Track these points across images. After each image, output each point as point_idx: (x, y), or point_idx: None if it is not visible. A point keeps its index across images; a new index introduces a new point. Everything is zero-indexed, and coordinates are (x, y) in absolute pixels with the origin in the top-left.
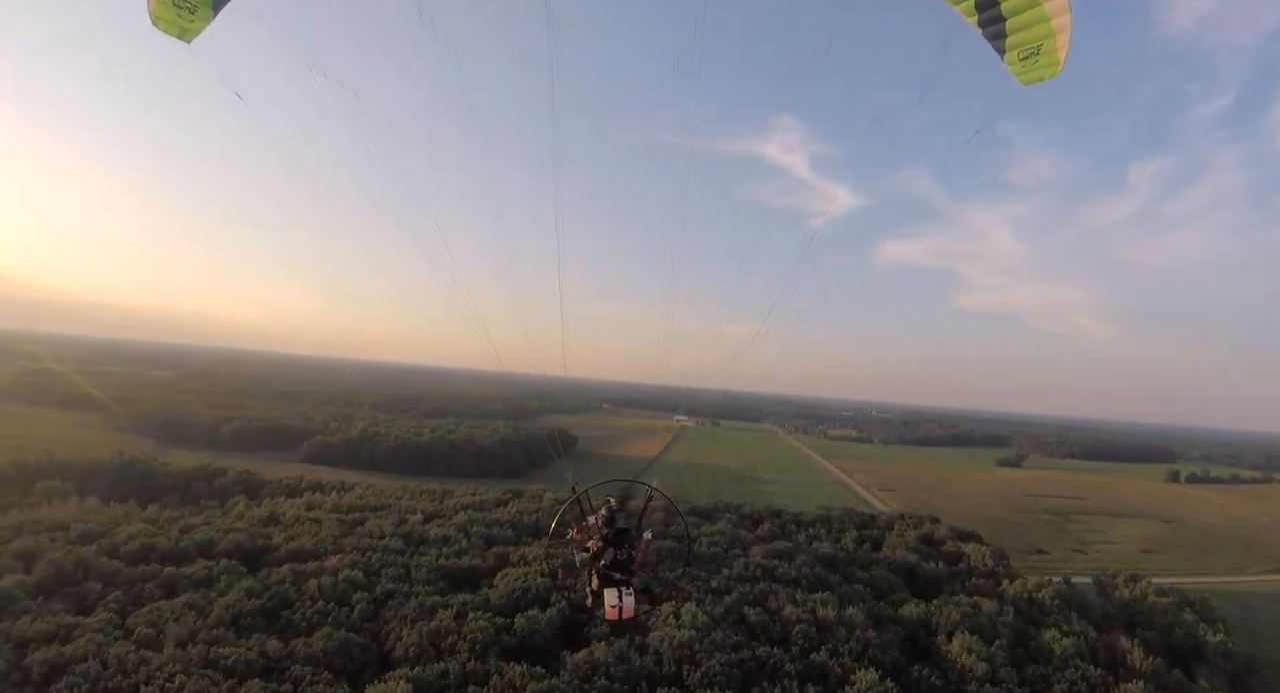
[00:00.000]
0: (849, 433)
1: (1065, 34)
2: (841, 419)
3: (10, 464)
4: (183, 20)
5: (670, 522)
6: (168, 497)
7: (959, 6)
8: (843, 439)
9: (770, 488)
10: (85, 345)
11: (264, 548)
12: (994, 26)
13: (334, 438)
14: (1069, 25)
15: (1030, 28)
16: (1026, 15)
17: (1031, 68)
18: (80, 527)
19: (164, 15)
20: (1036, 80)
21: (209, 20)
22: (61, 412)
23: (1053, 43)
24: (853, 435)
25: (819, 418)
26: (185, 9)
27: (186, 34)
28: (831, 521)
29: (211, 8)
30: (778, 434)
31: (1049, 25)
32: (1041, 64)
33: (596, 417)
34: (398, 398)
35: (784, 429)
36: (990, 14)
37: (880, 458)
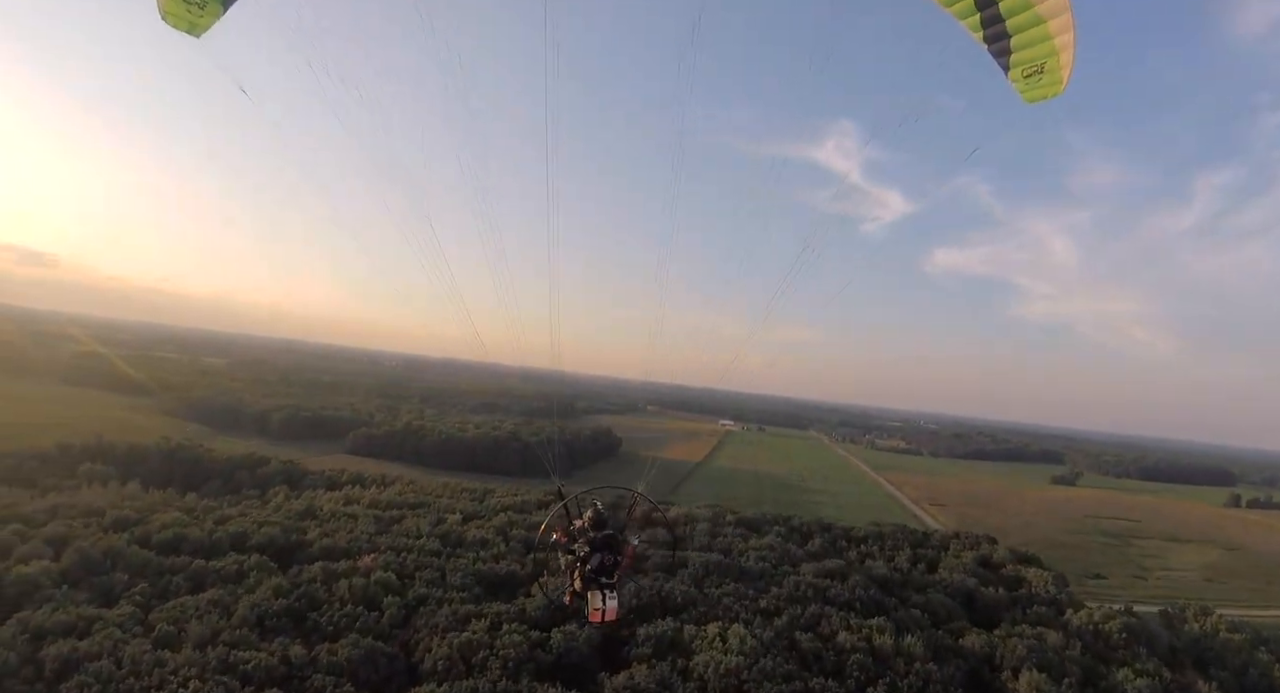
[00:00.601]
0: (897, 444)
1: (1068, 53)
2: (889, 429)
3: (56, 446)
4: (192, 15)
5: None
6: (210, 484)
7: (965, 22)
8: (890, 450)
9: (816, 498)
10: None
11: (298, 543)
12: (998, 43)
13: (379, 431)
14: (1071, 44)
15: (1033, 46)
16: (1030, 33)
17: (1035, 86)
18: (115, 513)
19: (173, 10)
20: (1039, 98)
21: (219, 15)
22: (115, 395)
23: (1055, 61)
24: (901, 447)
25: (866, 427)
26: (195, 4)
27: (196, 29)
28: (884, 537)
29: (221, 3)
30: (824, 442)
31: (1052, 44)
32: (1044, 82)
33: (641, 418)
34: (445, 391)
35: (830, 437)
36: (994, 30)
37: (930, 471)
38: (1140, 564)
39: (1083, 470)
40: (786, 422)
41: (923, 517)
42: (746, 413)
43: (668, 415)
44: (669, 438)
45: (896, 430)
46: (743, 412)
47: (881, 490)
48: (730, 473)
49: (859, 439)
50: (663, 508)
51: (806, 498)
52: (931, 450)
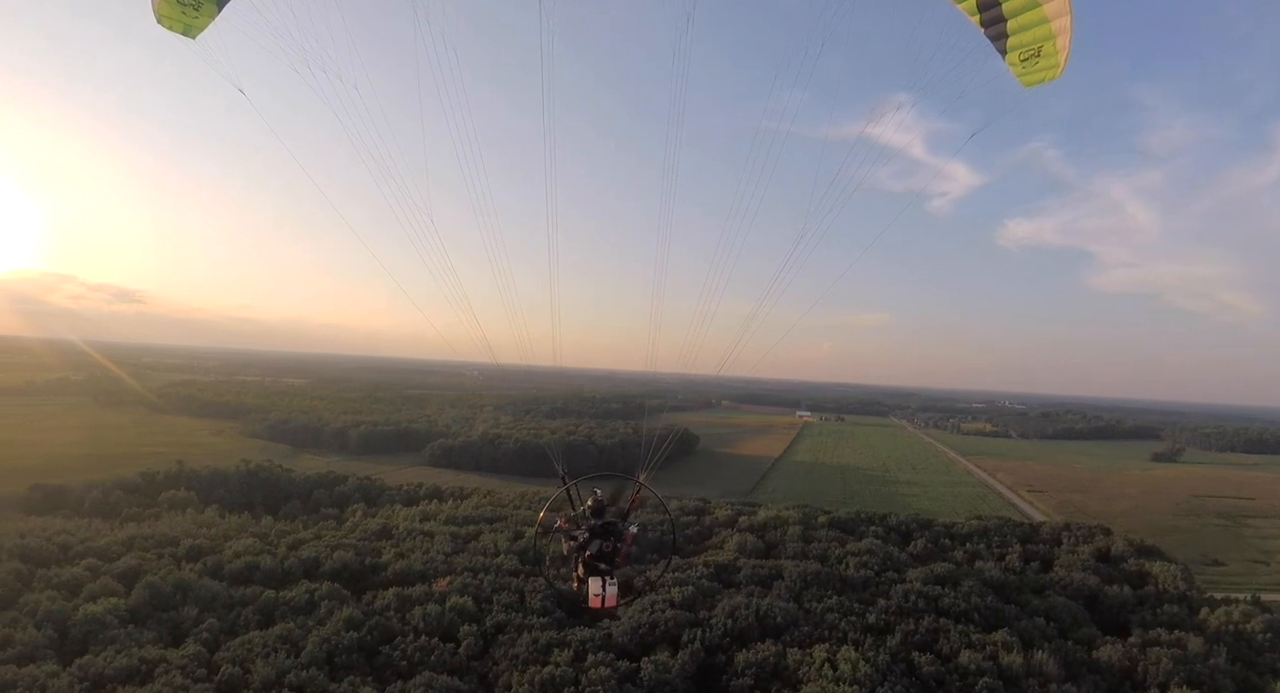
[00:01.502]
0: (983, 427)
1: (1065, 37)
2: (972, 413)
3: (140, 474)
4: (187, 17)
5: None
6: (289, 504)
7: (961, 5)
8: (976, 434)
9: (906, 490)
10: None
11: (371, 567)
12: (995, 27)
13: (455, 441)
14: (1069, 28)
15: (1030, 29)
16: (1026, 17)
17: (1032, 69)
18: (189, 542)
19: (168, 13)
20: (1037, 82)
21: (213, 16)
22: (202, 420)
23: (1052, 45)
24: (988, 430)
25: (948, 411)
26: (190, 6)
27: (191, 30)
28: (990, 533)
29: (216, 3)
30: (906, 429)
31: (1049, 27)
32: (1042, 66)
33: (716, 414)
34: (519, 399)
35: (912, 424)
36: (991, 14)
37: (1020, 455)
38: (1260, 548)
39: (1183, 446)
40: (864, 409)
41: (1021, 505)
42: (822, 403)
43: (742, 410)
44: (745, 433)
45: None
46: (818, 402)
47: (973, 479)
48: (811, 467)
49: (943, 424)
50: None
51: (895, 491)
52: (1020, 432)
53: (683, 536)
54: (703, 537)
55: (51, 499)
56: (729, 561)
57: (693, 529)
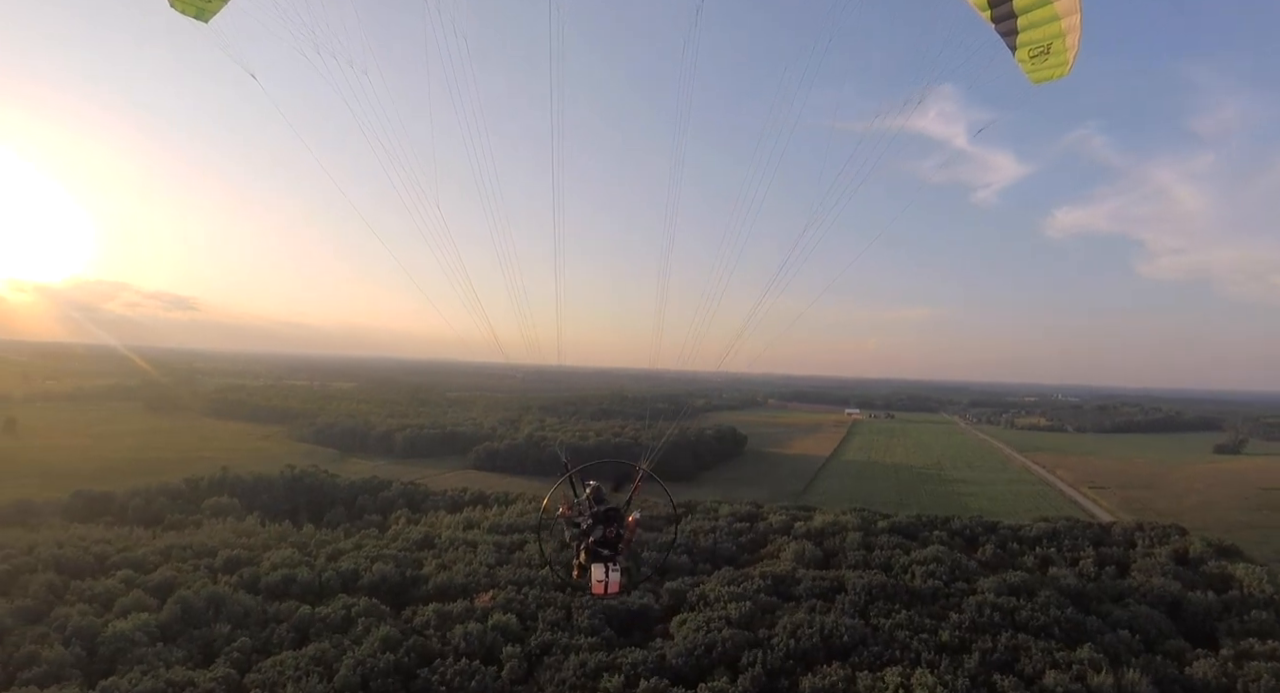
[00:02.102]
0: (1038, 422)
1: (1074, 35)
2: (1025, 406)
3: (184, 480)
4: (200, 0)
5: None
6: (334, 511)
7: (971, 1)
8: (1031, 429)
9: (963, 490)
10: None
11: (412, 580)
12: (1005, 23)
13: (500, 444)
14: (1078, 26)
15: (1040, 26)
16: (1036, 14)
17: (1041, 66)
18: (227, 553)
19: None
20: (1045, 79)
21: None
22: (251, 425)
23: (1062, 43)
24: (1042, 424)
25: (1000, 406)
26: None
27: (204, 14)
28: (1060, 536)
29: None
30: (958, 425)
31: (1059, 25)
32: (1050, 64)
33: (763, 413)
34: (565, 400)
35: (964, 419)
36: (1002, 10)
37: (1078, 449)
38: None
39: (1245, 437)
40: (914, 406)
41: (1084, 504)
42: (871, 400)
43: (789, 408)
44: (794, 432)
45: (1034, 407)
46: (866, 399)
47: (1032, 476)
48: (863, 467)
49: (996, 419)
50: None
51: (952, 490)
52: (1076, 426)
53: (736, 543)
54: (757, 544)
55: (95, 506)
56: (787, 571)
57: (746, 537)
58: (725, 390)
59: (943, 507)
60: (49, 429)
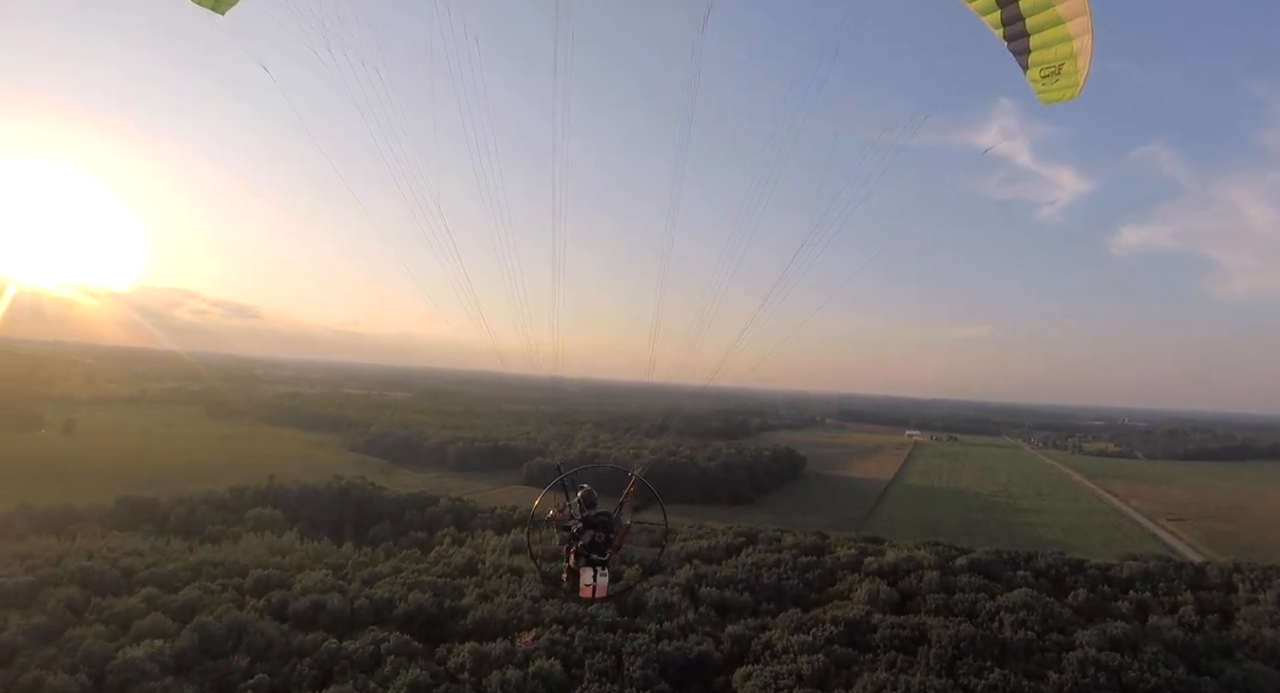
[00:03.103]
0: (1106, 447)
1: (1086, 56)
2: (1091, 430)
3: (229, 490)
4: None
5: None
6: (379, 526)
7: (986, 18)
8: (1099, 455)
9: (1034, 519)
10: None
11: (449, 612)
12: (1018, 42)
13: (552, 459)
14: (1089, 48)
15: (1052, 47)
16: (1049, 34)
17: (1051, 87)
18: (258, 573)
19: None
20: (1055, 100)
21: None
22: (305, 432)
23: (1073, 64)
24: (1111, 450)
25: (1065, 429)
26: None
27: (220, 5)
28: (1153, 578)
29: None
30: (1023, 449)
31: (1071, 46)
32: (1061, 85)
33: (820, 432)
34: (619, 415)
35: (1029, 444)
36: (1014, 29)
37: (1151, 477)
38: None
39: None
40: (976, 428)
41: (1163, 537)
42: (931, 421)
43: (847, 428)
44: (853, 453)
45: (1100, 431)
46: (926, 419)
47: (1105, 506)
48: (927, 492)
49: (1062, 444)
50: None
51: (1021, 520)
52: (1147, 452)
53: (802, 580)
54: (825, 582)
55: (139, 513)
56: (860, 616)
57: (813, 573)
58: (781, 408)
59: (1013, 538)
60: (107, 431)
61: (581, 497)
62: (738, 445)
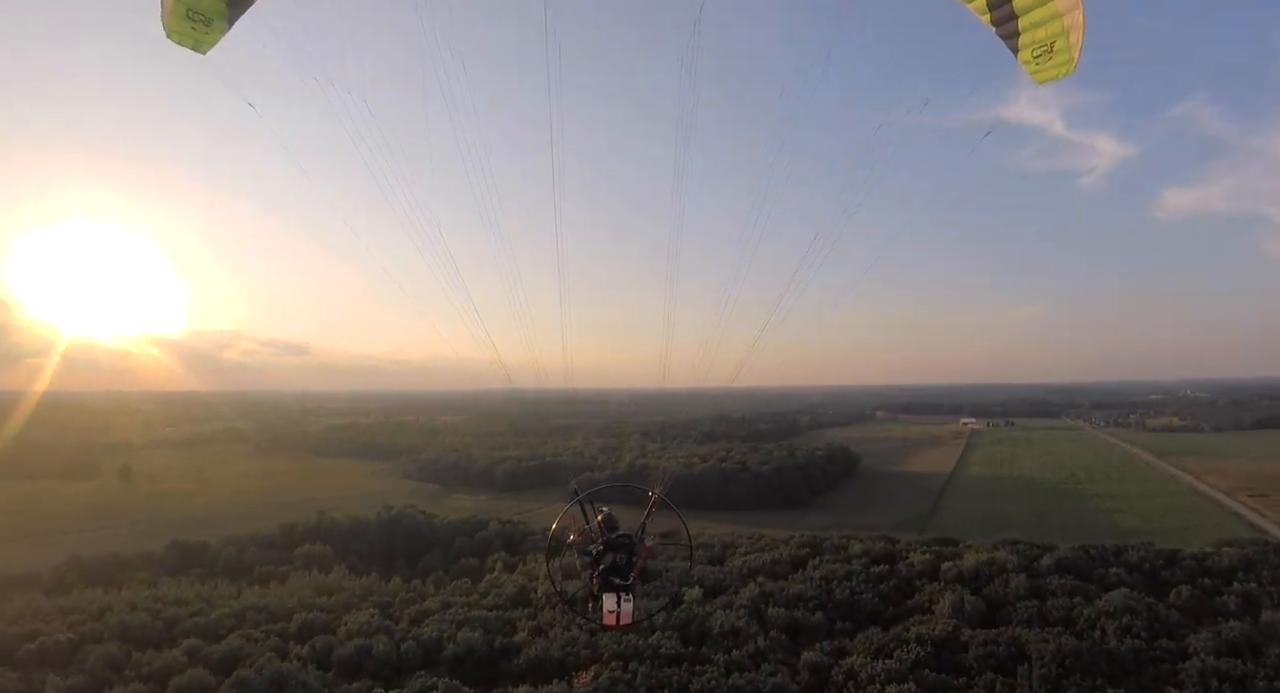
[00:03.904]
0: (1170, 422)
1: (1077, 32)
2: (1153, 405)
3: (279, 527)
4: (197, 33)
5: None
6: (430, 555)
7: (971, 4)
8: (1165, 430)
9: (1107, 505)
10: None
11: (502, 651)
12: (1006, 25)
13: (602, 474)
14: (1081, 24)
15: (1042, 26)
16: (1037, 13)
17: (1045, 66)
18: (302, 617)
19: (178, 28)
20: (1050, 79)
21: (224, 32)
22: (359, 462)
23: (1065, 41)
24: (1176, 424)
25: (1126, 406)
26: (200, 22)
27: (201, 45)
28: (1255, 565)
29: (226, 19)
30: (1085, 430)
31: (1061, 23)
32: (1055, 62)
33: (872, 427)
34: (667, 423)
35: (1090, 424)
36: (1002, 12)
37: (1222, 452)
38: None
39: None
40: (1033, 411)
41: (1247, 515)
42: (986, 407)
43: (899, 420)
44: (909, 446)
45: (1162, 406)
46: (981, 406)
47: (1180, 485)
48: (991, 482)
49: (1124, 421)
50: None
51: (1093, 506)
52: (1213, 425)
53: (877, 593)
54: (902, 594)
55: (189, 557)
56: (947, 633)
57: (888, 584)
58: (829, 406)
59: (1089, 527)
60: (163, 475)
61: (602, 520)
62: (789, 446)
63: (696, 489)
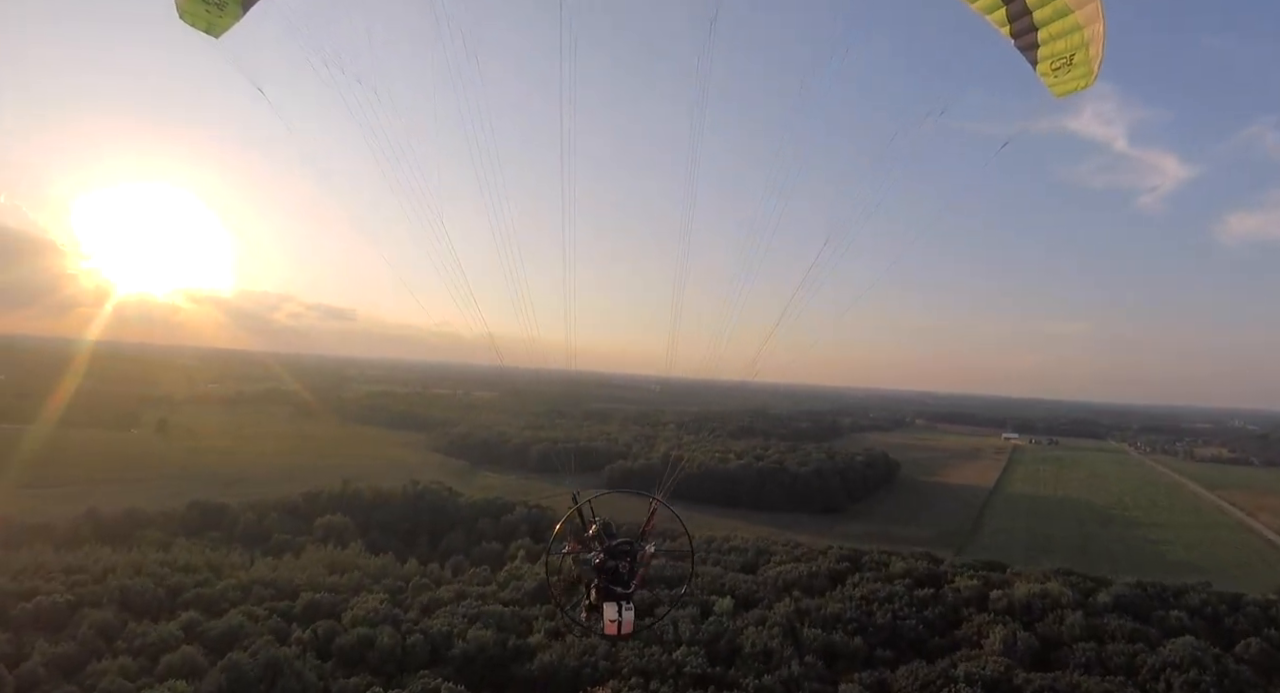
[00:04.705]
0: (1219, 452)
1: (1097, 45)
2: (1200, 433)
3: (302, 495)
4: (210, 15)
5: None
6: (452, 535)
7: (990, 16)
8: (1213, 461)
9: (1154, 535)
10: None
11: (514, 654)
12: (1026, 37)
13: (635, 463)
14: (1101, 36)
15: (1062, 38)
16: (1057, 26)
17: (1064, 79)
18: (309, 597)
19: (191, 9)
20: (1069, 91)
21: (238, 17)
22: (392, 432)
23: (1085, 54)
24: (1225, 456)
25: (1172, 432)
26: (214, 4)
27: (214, 29)
28: None
29: (241, 4)
30: (1130, 455)
31: (1081, 35)
32: (1074, 75)
33: (911, 434)
34: (702, 416)
35: (1135, 448)
36: (1022, 24)
37: (1274, 488)
38: None
39: None
40: (1077, 431)
41: None
42: (1029, 422)
43: (939, 429)
44: (949, 458)
45: (1210, 435)
46: (1024, 421)
47: (1229, 519)
48: (1033, 502)
49: (1171, 449)
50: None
51: (1141, 536)
52: (1265, 459)
53: (920, 619)
54: (947, 622)
55: (208, 518)
56: (999, 673)
57: (933, 611)
58: (870, 409)
59: (1135, 557)
60: (200, 431)
61: (600, 527)
62: (829, 449)
63: (731, 486)
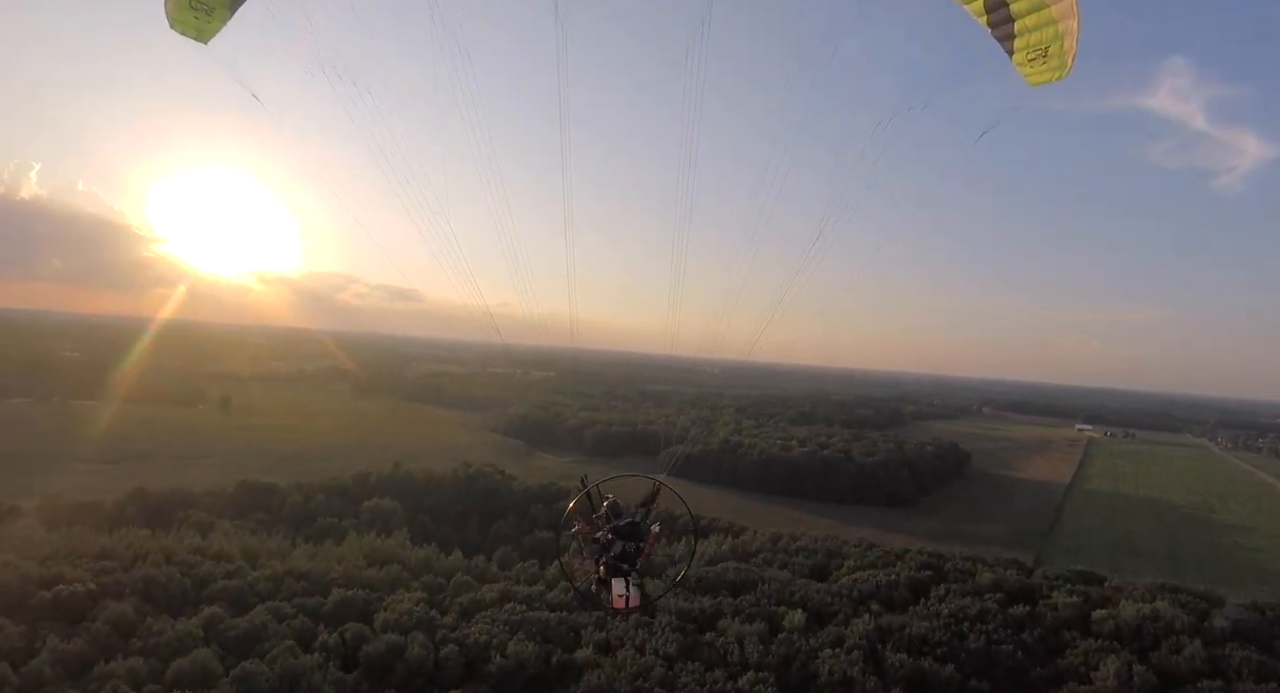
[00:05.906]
0: None
1: (1072, 38)
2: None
3: (352, 478)
4: (199, 22)
5: None
6: (504, 521)
7: (969, 6)
8: None
9: (1245, 541)
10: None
11: (558, 671)
12: (1003, 27)
13: (694, 448)
14: (1076, 29)
15: (1038, 30)
16: (1034, 18)
17: (1039, 69)
18: (341, 595)
19: (181, 18)
20: (1044, 82)
21: (225, 21)
22: (449, 411)
23: (1059, 46)
24: None
25: (1253, 427)
26: (202, 11)
27: (203, 35)
28: None
29: (228, 8)
30: (1210, 450)
31: (1056, 28)
32: (1049, 66)
33: (979, 423)
34: (761, 400)
35: (1215, 443)
36: (999, 15)
37: None
38: None
39: None
40: (1151, 423)
41: None
42: (1102, 413)
43: (1007, 419)
44: (1020, 450)
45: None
46: (1096, 412)
47: None
48: (1112, 501)
49: (1253, 445)
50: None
51: (1232, 542)
52: None
53: (1018, 644)
54: (1048, 648)
55: (256, 499)
56: None
57: (1031, 633)
58: (932, 395)
59: (1229, 566)
60: (262, 408)
61: (608, 508)
62: (896, 438)
63: (794, 475)
